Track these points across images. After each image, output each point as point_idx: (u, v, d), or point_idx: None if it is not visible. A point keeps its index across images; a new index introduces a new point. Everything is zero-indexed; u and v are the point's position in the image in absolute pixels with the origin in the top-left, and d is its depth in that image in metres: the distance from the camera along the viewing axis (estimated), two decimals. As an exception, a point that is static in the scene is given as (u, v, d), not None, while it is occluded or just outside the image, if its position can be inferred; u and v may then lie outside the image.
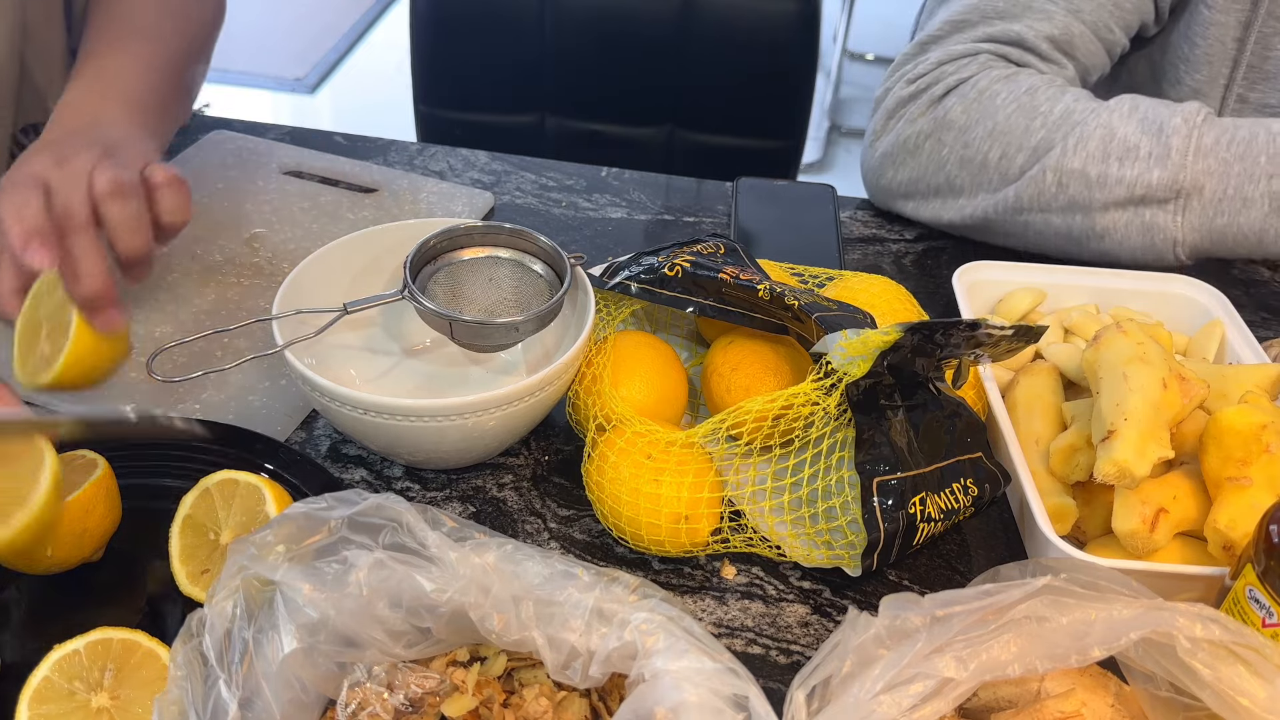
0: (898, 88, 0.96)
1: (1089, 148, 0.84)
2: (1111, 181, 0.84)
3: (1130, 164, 0.83)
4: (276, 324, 0.69)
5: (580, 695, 0.54)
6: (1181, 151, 0.82)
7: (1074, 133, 0.85)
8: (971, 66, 0.92)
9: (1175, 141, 0.82)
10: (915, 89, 0.94)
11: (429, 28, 1.41)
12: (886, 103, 0.97)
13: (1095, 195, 0.85)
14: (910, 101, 0.95)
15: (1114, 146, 0.84)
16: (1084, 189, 0.85)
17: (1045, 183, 0.86)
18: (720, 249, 0.77)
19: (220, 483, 0.63)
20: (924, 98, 0.94)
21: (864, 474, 0.63)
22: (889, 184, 0.98)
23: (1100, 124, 0.84)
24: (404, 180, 1.01)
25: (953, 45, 0.94)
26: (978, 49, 0.93)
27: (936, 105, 0.93)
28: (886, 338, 0.62)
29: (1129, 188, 0.84)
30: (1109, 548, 0.64)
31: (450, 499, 0.72)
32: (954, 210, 0.94)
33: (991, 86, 0.90)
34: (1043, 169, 0.86)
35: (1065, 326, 0.80)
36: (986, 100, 0.90)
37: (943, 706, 0.47)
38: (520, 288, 0.74)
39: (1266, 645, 0.48)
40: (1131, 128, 0.84)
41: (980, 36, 0.93)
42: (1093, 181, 0.85)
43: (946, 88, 0.92)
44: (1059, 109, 0.87)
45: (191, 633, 0.49)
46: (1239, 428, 0.61)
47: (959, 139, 0.91)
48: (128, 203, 0.68)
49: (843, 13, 2.94)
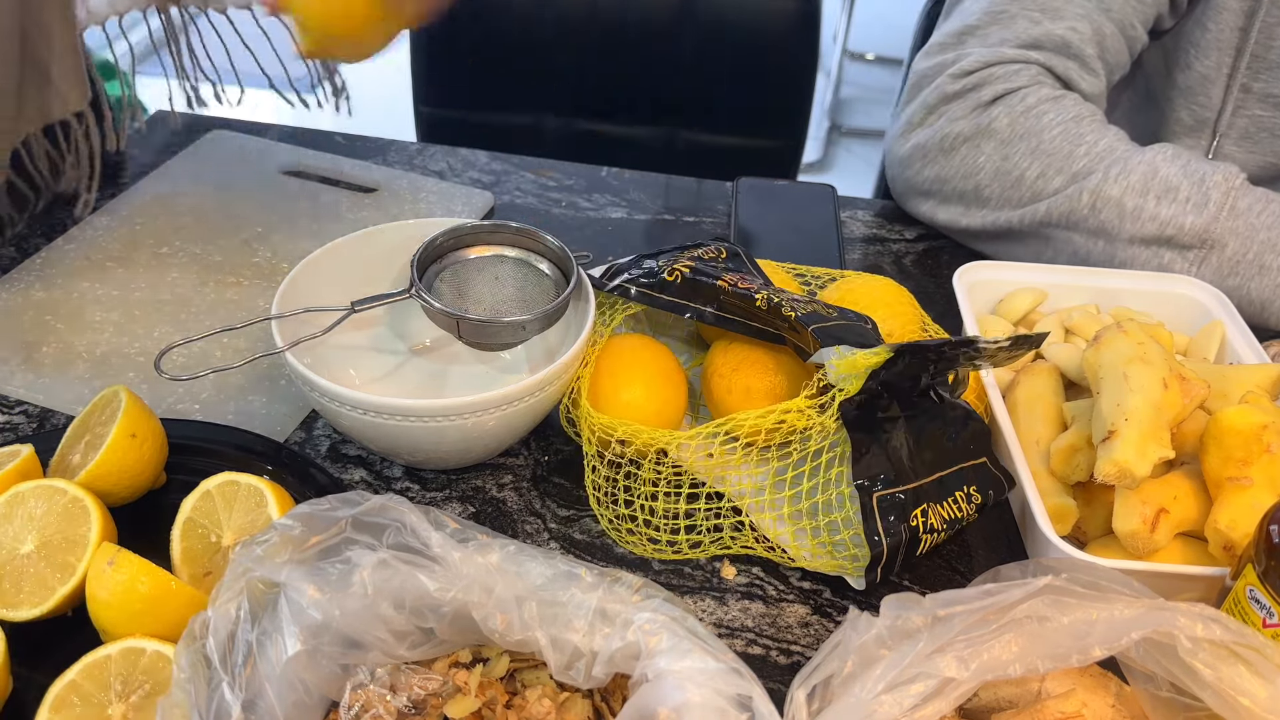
0: (941, 80, 0.95)
1: (1131, 179, 0.85)
2: (1146, 216, 0.85)
3: (1168, 203, 0.84)
4: (280, 323, 0.69)
5: (583, 696, 0.54)
6: (1219, 205, 0.83)
7: (1117, 164, 0.86)
8: (1021, 77, 0.92)
9: (1215, 194, 0.83)
10: (962, 87, 0.94)
11: (428, 28, 1.41)
12: (927, 95, 0.97)
13: (1126, 226, 0.86)
14: (955, 99, 0.95)
15: (1155, 183, 0.85)
16: (1116, 217, 0.86)
17: (1080, 202, 0.87)
18: (722, 253, 0.77)
19: (221, 485, 0.63)
20: (970, 99, 0.93)
21: (862, 491, 0.62)
22: (914, 177, 0.98)
23: (1144, 160, 0.85)
24: (404, 180, 1.01)
25: (996, 44, 0.94)
26: (1028, 57, 0.93)
27: (983, 111, 0.92)
28: (876, 359, 0.62)
29: (1161, 226, 0.84)
30: (1109, 548, 0.64)
31: (450, 499, 0.72)
32: (975, 218, 0.95)
33: (1040, 106, 0.90)
34: (1080, 189, 0.87)
35: (1066, 326, 0.80)
36: (1033, 118, 0.90)
37: (944, 706, 0.47)
38: (525, 286, 0.74)
39: (1267, 645, 0.48)
40: (1175, 170, 0.85)
41: (1026, 40, 0.93)
42: (1127, 212, 0.85)
43: (995, 94, 0.92)
44: (1104, 144, 0.88)
45: (195, 635, 0.49)
46: (1239, 428, 0.61)
47: (999, 150, 0.91)
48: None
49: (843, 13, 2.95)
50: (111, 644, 0.54)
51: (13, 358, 0.78)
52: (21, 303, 0.84)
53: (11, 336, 0.80)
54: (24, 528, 0.59)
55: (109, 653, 0.54)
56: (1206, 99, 0.99)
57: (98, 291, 0.85)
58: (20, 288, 0.85)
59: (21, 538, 0.59)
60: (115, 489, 0.64)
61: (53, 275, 0.86)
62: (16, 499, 0.60)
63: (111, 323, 0.82)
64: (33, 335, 0.80)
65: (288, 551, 0.51)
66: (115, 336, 0.81)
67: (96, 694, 0.53)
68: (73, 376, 0.77)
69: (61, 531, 0.59)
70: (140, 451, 0.64)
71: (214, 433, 0.71)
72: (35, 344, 0.80)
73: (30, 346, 0.79)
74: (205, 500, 0.63)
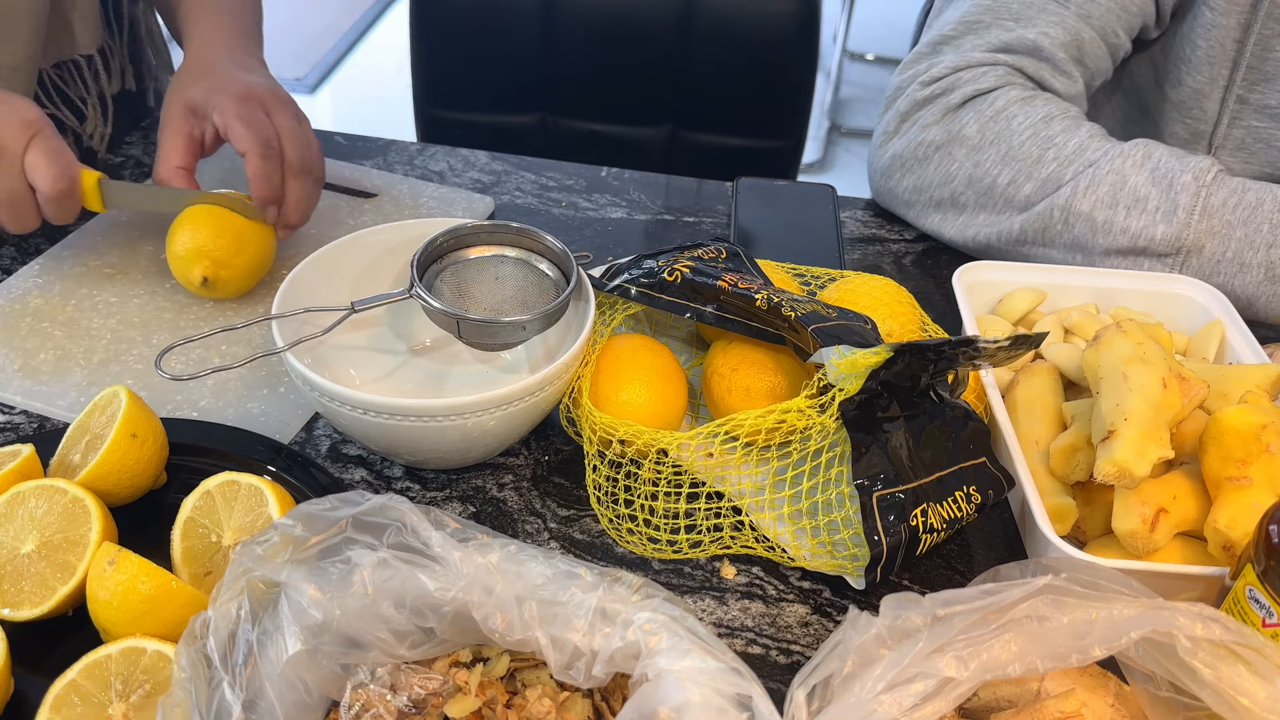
0: (912, 89, 0.96)
1: (1099, 192, 0.85)
2: (1116, 230, 0.85)
3: (1137, 215, 0.84)
4: (281, 324, 0.69)
5: (583, 695, 0.54)
6: (1188, 210, 0.83)
7: (1085, 173, 0.86)
8: (989, 78, 0.92)
9: (1183, 199, 0.83)
10: (931, 93, 0.94)
11: (429, 28, 1.41)
12: (899, 104, 0.97)
13: (1099, 240, 0.86)
14: (925, 105, 0.95)
15: (1123, 195, 0.84)
16: (1089, 232, 0.86)
17: (1052, 219, 0.87)
18: (722, 254, 0.77)
19: (221, 484, 0.63)
20: (939, 104, 0.94)
21: (862, 490, 0.62)
22: (895, 187, 0.98)
23: (1113, 169, 0.85)
24: (404, 185, 1.01)
25: (969, 50, 0.94)
26: (996, 59, 0.93)
27: (952, 116, 0.93)
28: (876, 358, 0.62)
29: (1132, 238, 0.85)
30: (1109, 548, 0.64)
31: (450, 499, 0.72)
32: (955, 228, 0.95)
33: (1009, 108, 0.90)
34: (1050, 206, 0.87)
35: (1065, 326, 0.80)
36: (1003, 122, 0.90)
37: (943, 706, 0.47)
38: (525, 287, 0.74)
39: (1267, 645, 0.48)
40: (1143, 178, 0.84)
41: (997, 45, 0.93)
42: (1098, 226, 0.85)
43: (964, 96, 0.92)
44: (1073, 144, 0.87)
45: (195, 635, 0.49)
46: (1239, 428, 0.61)
47: (970, 157, 0.91)
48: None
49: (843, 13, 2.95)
50: (112, 644, 0.55)
51: (9, 365, 0.78)
52: (19, 309, 0.83)
53: (9, 343, 0.80)
54: (24, 528, 0.59)
55: (109, 652, 0.54)
56: (1201, 112, 0.99)
57: (95, 298, 0.85)
58: (17, 294, 0.85)
59: (22, 538, 0.59)
60: (116, 489, 0.64)
61: (50, 282, 0.86)
62: (17, 499, 0.60)
63: (110, 329, 0.82)
64: (30, 342, 0.80)
65: (288, 551, 0.52)
66: (113, 343, 0.81)
67: (97, 694, 0.53)
68: (70, 384, 0.77)
69: (62, 531, 0.59)
70: (140, 451, 0.64)
71: (214, 433, 0.71)
72: (33, 351, 0.79)
73: (28, 353, 0.79)
74: (205, 500, 0.63)
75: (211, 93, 0.83)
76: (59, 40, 0.93)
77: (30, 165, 0.76)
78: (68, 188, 0.77)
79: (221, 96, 0.82)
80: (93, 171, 0.81)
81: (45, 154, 0.76)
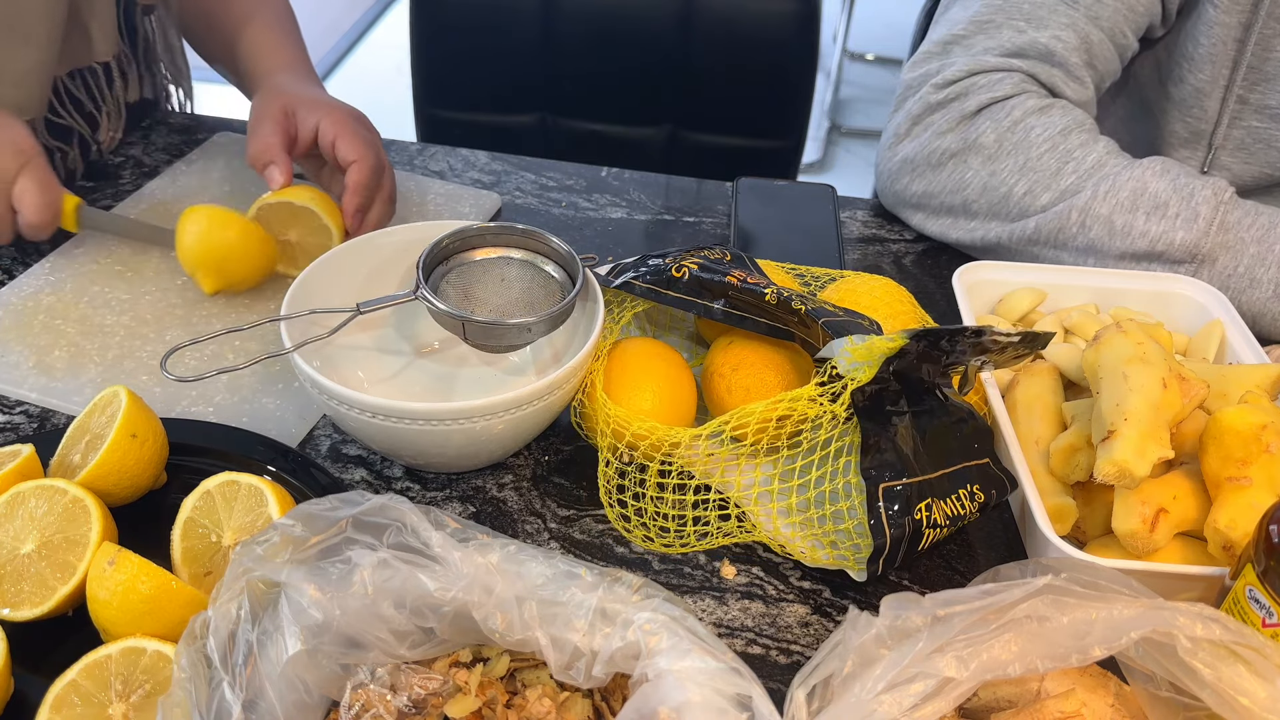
0: (925, 91, 0.95)
1: (1119, 196, 0.85)
2: (1136, 233, 0.85)
3: (1158, 219, 0.84)
4: (288, 325, 0.69)
5: (583, 696, 0.54)
6: (1208, 220, 0.83)
7: (1105, 180, 0.86)
8: (1005, 85, 0.92)
9: (1204, 210, 0.83)
10: (945, 97, 0.94)
11: (429, 28, 1.41)
12: (911, 106, 0.96)
13: (1115, 243, 0.86)
14: (939, 109, 0.94)
15: (1144, 200, 0.85)
16: (1106, 234, 0.86)
17: (1069, 220, 0.87)
18: (726, 255, 0.77)
19: (221, 485, 0.63)
20: (954, 109, 0.93)
21: (869, 480, 0.62)
22: (903, 190, 0.98)
23: (1133, 177, 0.85)
24: (410, 182, 1.01)
25: (980, 53, 0.93)
26: (1010, 65, 0.92)
27: (968, 123, 0.92)
28: (892, 344, 0.62)
29: (1151, 242, 0.85)
30: (1109, 548, 0.64)
31: (450, 499, 0.72)
32: (964, 231, 0.94)
33: (1027, 119, 0.90)
34: (1069, 207, 0.87)
35: (1065, 326, 0.80)
36: (1020, 132, 0.90)
37: (943, 706, 0.47)
38: (531, 288, 0.74)
39: (1267, 645, 0.48)
40: (1164, 185, 0.85)
41: (1010, 49, 0.93)
42: (1116, 230, 0.85)
43: (979, 104, 0.92)
44: (1091, 158, 0.87)
45: (195, 635, 0.49)
46: (1239, 428, 0.61)
47: (986, 166, 0.91)
48: None
49: (843, 13, 2.95)
50: (112, 644, 0.54)
51: (24, 362, 0.78)
52: (32, 307, 0.84)
53: (23, 341, 0.80)
54: (25, 527, 0.59)
55: (109, 652, 0.54)
56: (1201, 111, 0.99)
57: (108, 295, 0.85)
58: (30, 292, 0.85)
59: (22, 538, 0.59)
60: (116, 489, 0.64)
61: (62, 280, 0.87)
62: (17, 499, 0.60)
63: (123, 326, 0.82)
64: (44, 339, 0.81)
65: (288, 551, 0.52)
66: (127, 340, 0.81)
67: (97, 694, 0.53)
68: (85, 380, 0.77)
69: (62, 531, 0.59)
70: (140, 451, 0.64)
71: (214, 433, 0.71)
72: (47, 348, 0.80)
73: (42, 350, 0.80)
74: (205, 500, 0.63)
75: (314, 106, 0.88)
76: (76, 46, 0.94)
77: (19, 192, 0.79)
78: (51, 219, 0.82)
79: (328, 110, 0.88)
80: (73, 196, 0.84)
81: (35, 184, 0.79)
